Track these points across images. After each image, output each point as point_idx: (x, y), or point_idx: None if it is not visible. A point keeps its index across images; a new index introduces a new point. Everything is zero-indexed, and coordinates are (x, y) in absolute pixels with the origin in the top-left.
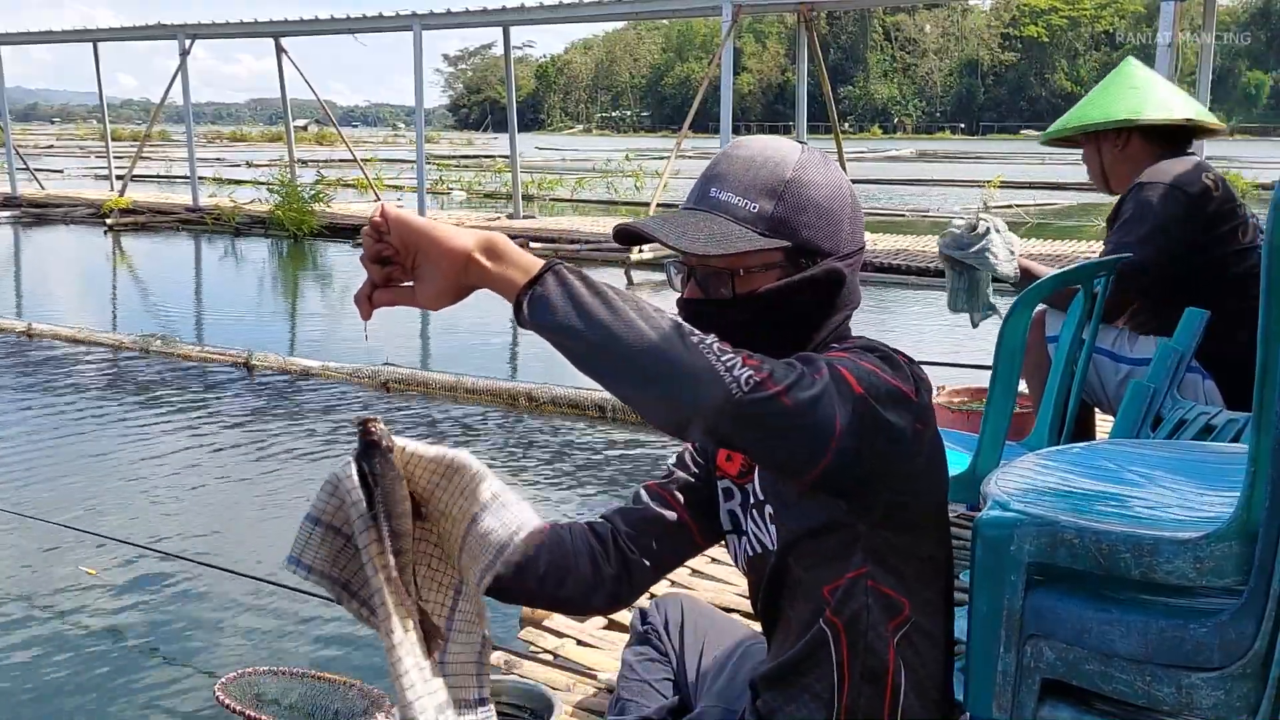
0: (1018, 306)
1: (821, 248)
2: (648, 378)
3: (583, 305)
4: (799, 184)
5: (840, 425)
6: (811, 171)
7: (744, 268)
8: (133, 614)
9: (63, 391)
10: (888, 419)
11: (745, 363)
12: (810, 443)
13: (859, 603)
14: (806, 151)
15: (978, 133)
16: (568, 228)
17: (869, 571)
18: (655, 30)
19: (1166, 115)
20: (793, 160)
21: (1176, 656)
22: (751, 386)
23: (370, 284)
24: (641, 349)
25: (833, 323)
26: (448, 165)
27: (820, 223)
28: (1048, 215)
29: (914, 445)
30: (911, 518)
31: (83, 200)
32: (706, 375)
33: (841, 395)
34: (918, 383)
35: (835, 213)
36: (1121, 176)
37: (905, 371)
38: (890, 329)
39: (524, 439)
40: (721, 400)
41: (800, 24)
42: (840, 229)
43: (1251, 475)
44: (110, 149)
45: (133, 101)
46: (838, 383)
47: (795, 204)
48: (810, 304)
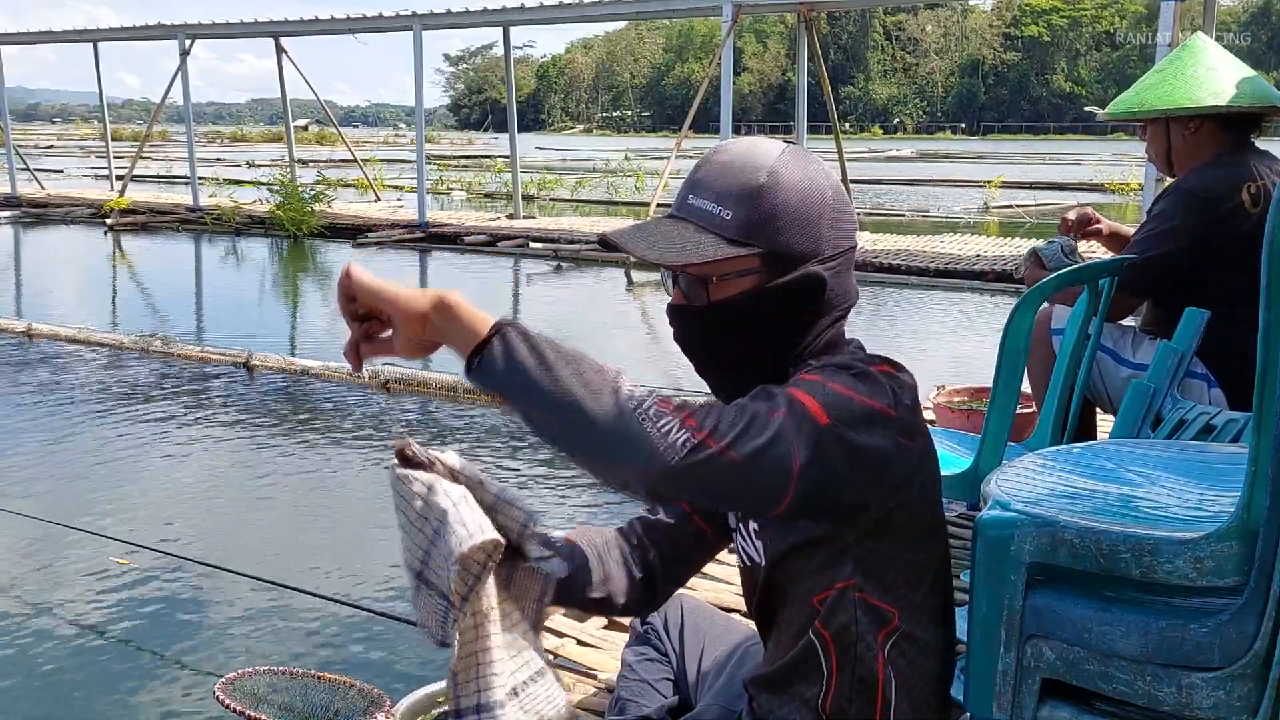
0: (1021, 307)
1: (797, 253)
2: (583, 446)
3: (522, 370)
4: (771, 188)
5: (799, 463)
6: (786, 175)
7: (717, 275)
8: (132, 614)
9: (62, 391)
10: (861, 443)
11: (684, 423)
12: (766, 487)
13: (847, 614)
14: (787, 153)
15: (978, 133)
16: (568, 228)
17: (857, 583)
18: (656, 30)
19: (1251, 102)
20: (767, 164)
21: (1176, 656)
22: (688, 450)
23: (354, 339)
24: (577, 417)
25: (819, 327)
26: (448, 165)
27: (795, 228)
28: (1048, 216)
29: (898, 460)
30: (902, 528)
31: (83, 200)
32: (638, 443)
33: (802, 431)
34: (897, 397)
35: (811, 217)
36: (1186, 160)
37: (883, 388)
38: (890, 329)
39: (524, 439)
40: (655, 468)
41: (801, 24)
42: (817, 233)
43: (1251, 475)
44: (110, 149)
45: (134, 101)
46: (798, 418)
47: (768, 209)
48: (791, 310)
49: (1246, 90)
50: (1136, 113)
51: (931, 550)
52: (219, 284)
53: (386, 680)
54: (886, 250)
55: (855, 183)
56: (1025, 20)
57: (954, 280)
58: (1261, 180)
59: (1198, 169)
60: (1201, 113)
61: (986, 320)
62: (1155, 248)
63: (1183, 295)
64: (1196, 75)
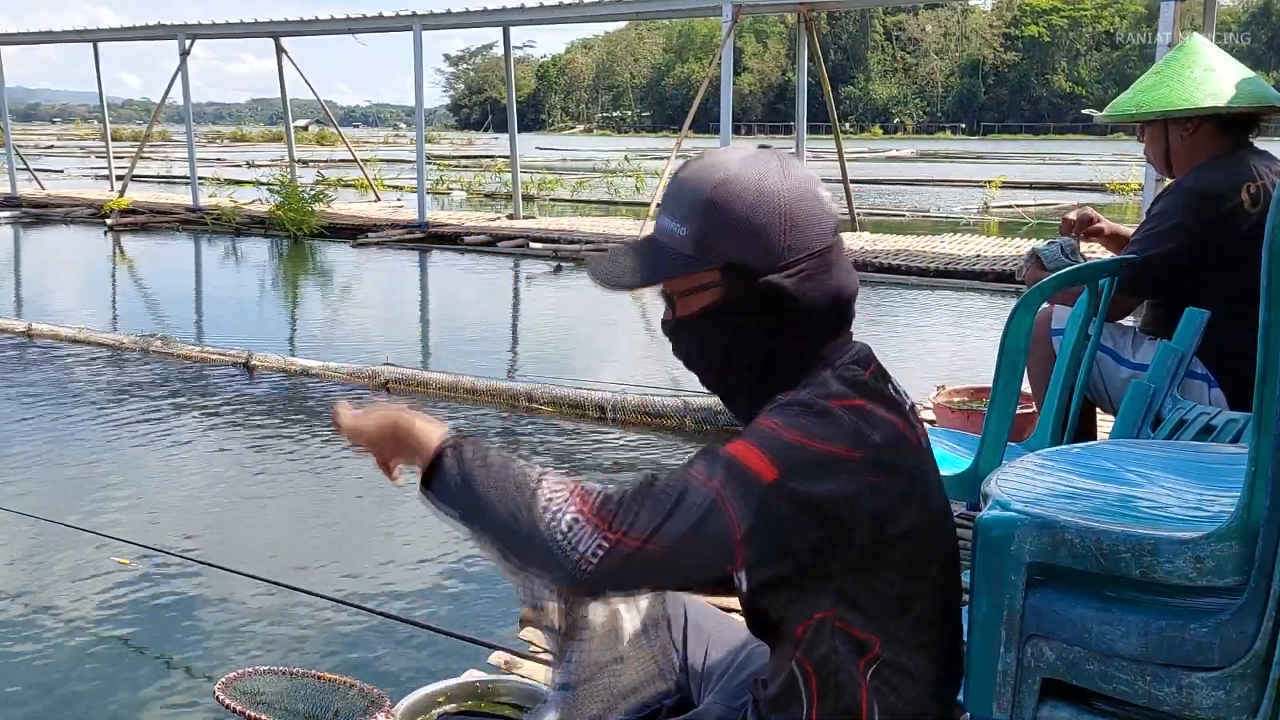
0: (1021, 307)
1: (751, 265)
2: (509, 565)
3: (454, 496)
4: (719, 202)
5: (741, 531)
6: (735, 186)
7: (679, 292)
8: (133, 614)
9: (62, 392)
10: (815, 492)
11: (596, 527)
12: (706, 563)
13: (827, 644)
14: (744, 161)
15: (978, 133)
16: (568, 228)
17: (838, 613)
18: (656, 30)
19: (1249, 103)
20: (717, 177)
21: (1176, 656)
22: (600, 558)
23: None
24: (500, 537)
25: (805, 334)
26: (448, 165)
27: (745, 239)
28: (1048, 216)
29: (866, 500)
30: (892, 559)
31: (83, 200)
32: (550, 558)
33: (742, 495)
34: (862, 435)
35: (761, 227)
36: (1185, 161)
37: (844, 428)
38: (890, 329)
39: (524, 439)
40: (568, 582)
41: (801, 24)
42: (769, 242)
43: (1251, 475)
44: (110, 149)
45: (134, 101)
46: (737, 481)
47: (717, 223)
48: (760, 321)
49: (1244, 91)
50: (1134, 115)
51: (919, 578)
52: (219, 284)
53: (386, 680)
54: (886, 250)
55: (855, 183)
56: (1025, 20)
57: (954, 280)
58: (1261, 180)
59: (1197, 169)
60: (1199, 114)
61: (986, 320)
62: (1155, 247)
63: (1183, 295)
64: (1194, 76)
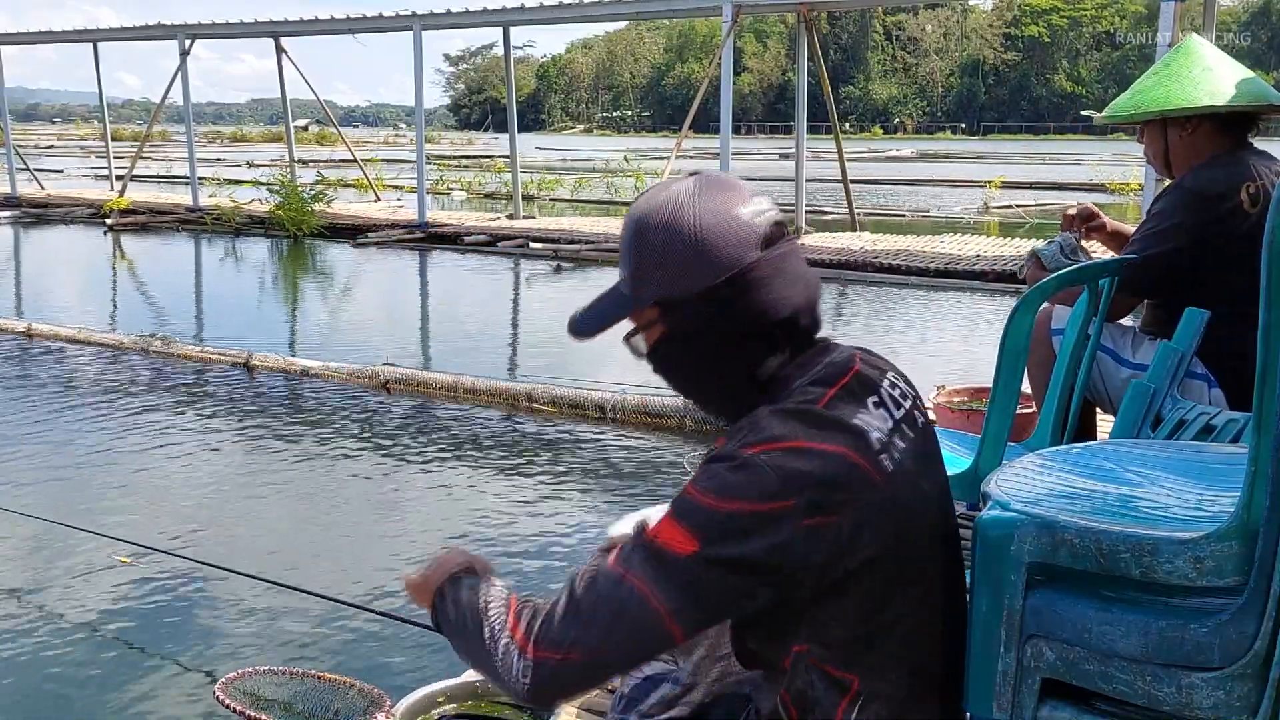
0: (1021, 307)
1: (677, 296)
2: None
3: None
4: (638, 242)
5: (666, 609)
6: (649, 223)
7: (639, 329)
8: (133, 613)
9: (62, 391)
10: (743, 553)
11: (521, 650)
12: (643, 646)
13: (804, 680)
14: (657, 200)
15: (979, 133)
16: (568, 228)
17: (810, 649)
18: (656, 30)
19: (1248, 101)
20: (636, 217)
21: (1176, 656)
22: (531, 675)
23: None
24: (475, 664)
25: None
26: (448, 165)
27: (665, 274)
28: (1049, 216)
29: (808, 542)
30: (850, 588)
31: (83, 200)
32: (499, 680)
33: (662, 577)
34: (791, 483)
35: (677, 258)
36: (1184, 161)
37: (768, 477)
38: (890, 329)
39: (524, 439)
40: (520, 697)
41: (801, 24)
42: (684, 271)
43: (1251, 475)
44: (110, 149)
45: (134, 101)
46: (655, 565)
47: (641, 263)
48: (704, 348)
49: (1243, 90)
50: (1132, 116)
51: (907, 601)
52: (219, 284)
53: (386, 680)
54: (886, 250)
55: (855, 183)
56: (1025, 20)
57: (954, 280)
58: (1260, 180)
59: (1196, 169)
60: (1198, 113)
61: (986, 320)
62: (1155, 246)
63: (1183, 295)
64: (1192, 75)
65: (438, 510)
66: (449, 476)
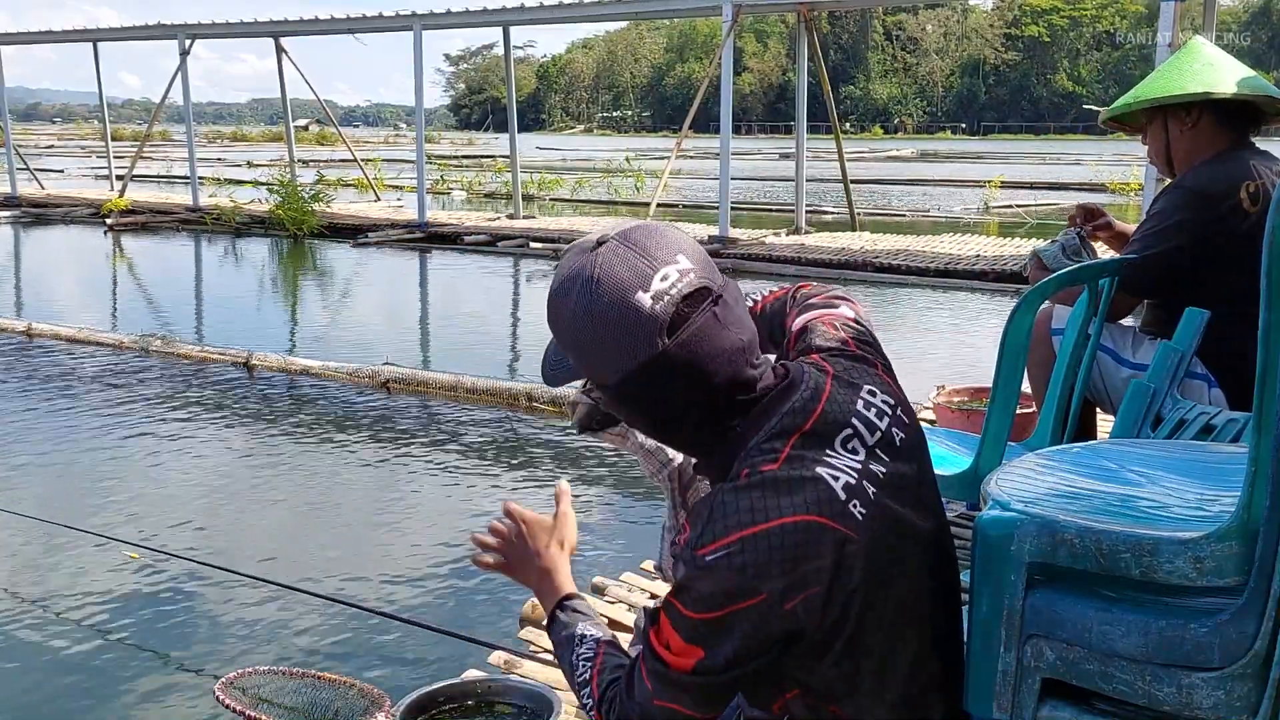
0: (1021, 307)
1: (597, 381)
2: None
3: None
4: (552, 326)
5: (699, 715)
6: (555, 311)
7: (587, 390)
8: (133, 613)
9: (63, 391)
10: (731, 649)
11: (596, 705)
12: None
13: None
14: (557, 277)
15: (979, 133)
16: (568, 228)
17: (800, 694)
18: (656, 30)
19: (1245, 91)
20: (548, 300)
21: (1176, 656)
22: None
23: None
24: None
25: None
26: (448, 165)
27: (578, 359)
28: (1048, 216)
29: (787, 622)
30: (835, 644)
31: (83, 200)
32: (580, 698)
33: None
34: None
35: (583, 349)
36: (1185, 157)
37: (730, 574)
38: (890, 329)
39: (524, 439)
40: (588, 711)
41: (801, 24)
42: (596, 360)
43: (1251, 475)
44: (110, 149)
45: (134, 101)
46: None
47: (563, 343)
48: (652, 415)
49: (1243, 84)
50: (1131, 105)
51: (891, 635)
52: (219, 284)
53: (386, 680)
54: (886, 250)
55: (855, 182)
56: (1025, 20)
57: (954, 280)
58: (1261, 179)
59: (1196, 168)
60: (1196, 99)
61: (986, 320)
62: (1155, 246)
63: (1183, 295)
64: (1192, 68)
65: (438, 510)
66: (449, 476)
